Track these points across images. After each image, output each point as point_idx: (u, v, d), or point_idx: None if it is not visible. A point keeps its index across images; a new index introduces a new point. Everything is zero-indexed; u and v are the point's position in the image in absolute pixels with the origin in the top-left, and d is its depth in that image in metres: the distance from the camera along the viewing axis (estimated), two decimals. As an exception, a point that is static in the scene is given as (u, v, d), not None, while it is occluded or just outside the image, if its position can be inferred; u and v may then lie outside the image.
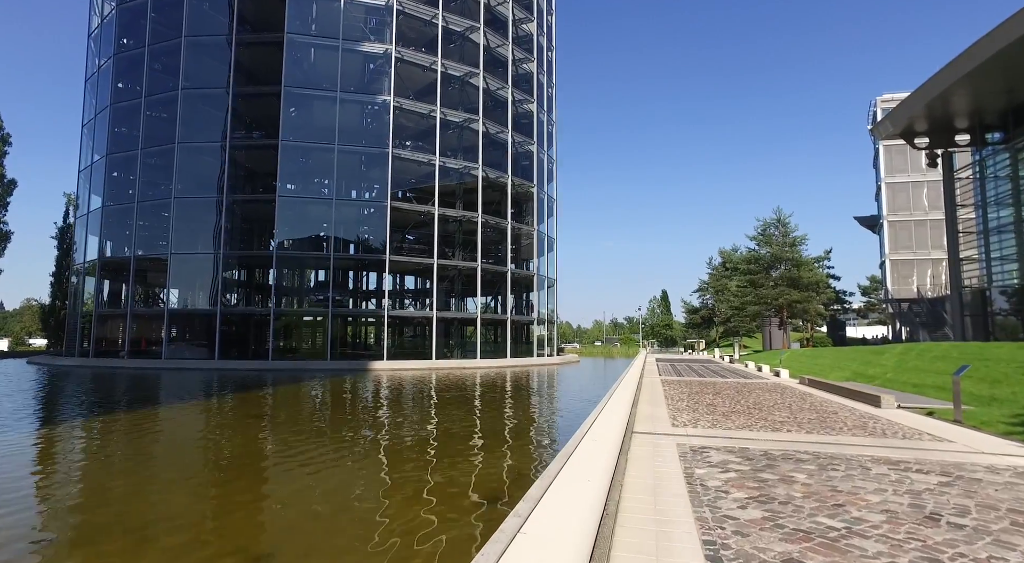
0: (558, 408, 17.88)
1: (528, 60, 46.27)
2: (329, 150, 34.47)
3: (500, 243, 42.68)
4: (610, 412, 9.19)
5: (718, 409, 10.92)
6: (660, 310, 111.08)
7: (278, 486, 8.20)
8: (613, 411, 9.34)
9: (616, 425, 7.67)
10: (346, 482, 8.33)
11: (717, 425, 8.73)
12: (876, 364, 18.54)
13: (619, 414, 9.03)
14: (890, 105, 48.33)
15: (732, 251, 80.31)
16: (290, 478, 8.53)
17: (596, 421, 8.00)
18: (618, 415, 8.86)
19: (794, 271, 48.26)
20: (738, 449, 6.58)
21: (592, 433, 6.71)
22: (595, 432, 6.82)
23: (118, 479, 8.48)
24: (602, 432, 6.87)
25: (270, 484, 8.39)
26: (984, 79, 24.05)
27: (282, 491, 7.91)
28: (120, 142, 37.31)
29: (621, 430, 7.31)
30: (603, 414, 8.90)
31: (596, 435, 6.57)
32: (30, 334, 77.10)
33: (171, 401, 18.29)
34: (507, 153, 42.05)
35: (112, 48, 38.47)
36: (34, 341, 71.67)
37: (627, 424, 8.51)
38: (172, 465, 9.64)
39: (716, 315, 78.18)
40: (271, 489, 8.10)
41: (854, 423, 8.85)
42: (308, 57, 36.88)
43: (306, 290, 39.45)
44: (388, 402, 18.21)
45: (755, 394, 14.27)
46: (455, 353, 39.62)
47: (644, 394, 14.14)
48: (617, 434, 6.82)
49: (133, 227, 35.61)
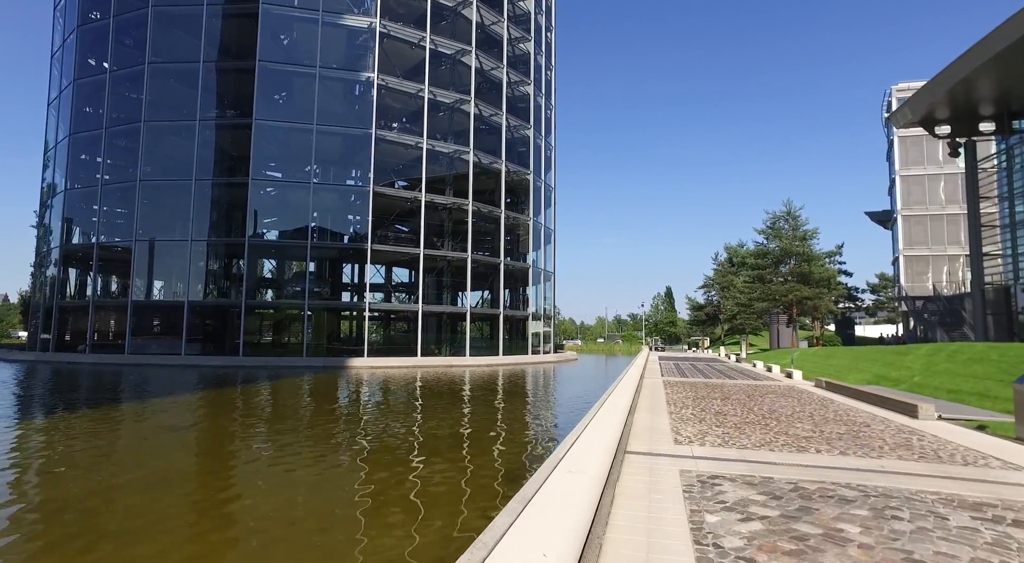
0: (539, 418, 15.67)
1: (525, 39, 44.72)
2: (308, 131, 32.99)
3: (494, 234, 41.28)
4: (600, 424, 7.85)
5: (729, 419, 9.60)
6: (664, 307, 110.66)
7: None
8: (604, 422, 8.00)
9: (605, 443, 6.34)
10: (221, 526, 6.99)
11: (729, 441, 7.41)
12: (900, 366, 17.23)
13: (611, 426, 7.70)
14: (906, 94, 46.90)
15: (738, 246, 79.27)
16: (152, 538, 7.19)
17: (581, 437, 6.66)
18: (610, 428, 7.52)
19: (804, 266, 46.96)
20: (759, 480, 5.25)
21: (571, 458, 5.37)
22: (575, 456, 5.48)
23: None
24: (585, 456, 5.53)
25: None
26: (1013, 62, 22.72)
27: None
28: (84, 122, 35.82)
29: (611, 450, 5.99)
30: (591, 426, 7.56)
31: (576, 461, 5.23)
32: (15, 327, 76.67)
33: (77, 406, 16.73)
34: (501, 137, 40.57)
35: (76, 20, 36.90)
36: (23, 334, 70.74)
37: (619, 440, 7.18)
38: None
39: (721, 312, 77.12)
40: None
41: (894, 440, 7.52)
42: (286, 30, 35.32)
43: (283, 281, 37.96)
44: (336, 408, 16.89)
45: (769, 399, 12.97)
46: (444, 350, 38.29)
47: (644, 399, 12.83)
48: (604, 457, 5.48)
49: (97, 213, 34.16)
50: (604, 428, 7.52)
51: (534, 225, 44.32)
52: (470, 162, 37.67)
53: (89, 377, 23.95)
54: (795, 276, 47.64)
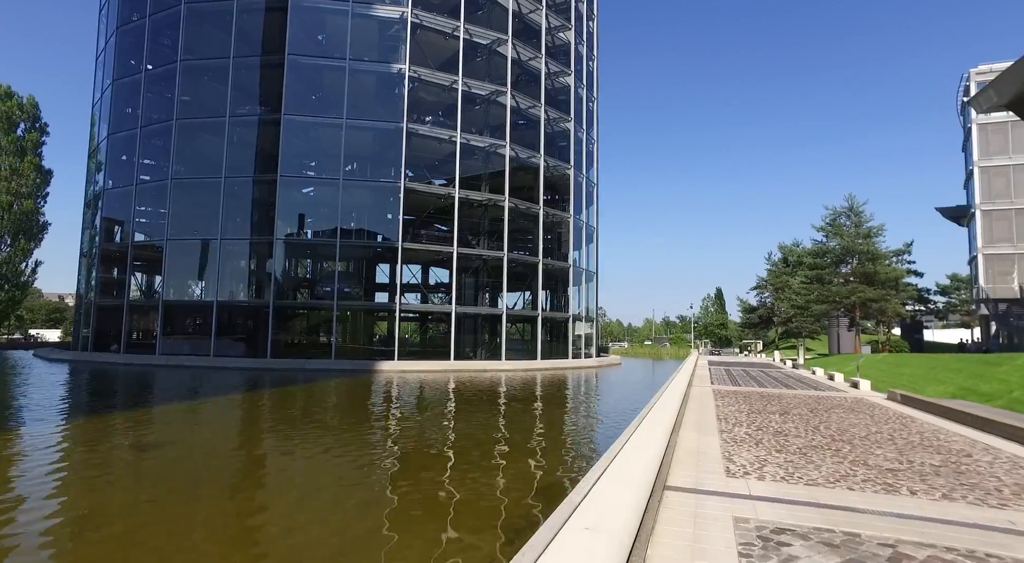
0: (565, 440, 13.26)
1: (565, 28, 43.48)
2: (338, 126, 32.72)
3: (532, 232, 40.23)
4: (636, 447, 6.71)
5: (791, 441, 8.30)
6: (714, 309, 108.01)
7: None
8: (641, 445, 6.86)
9: (640, 476, 5.22)
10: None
11: (794, 473, 6.16)
12: (991, 378, 15.30)
13: (649, 450, 6.56)
14: (987, 77, 43.45)
15: (794, 245, 75.91)
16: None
17: (610, 468, 5.56)
18: (647, 453, 6.39)
19: (869, 266, 44.12)
20: (841, 537, 4.05)
21: (593, 502, 4.28)
22: (598, 499, 4.38)
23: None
24: (611, 498, 4.43)
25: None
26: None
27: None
28: (122, 122, 36.67)
29: (645, 486, 4.88)
30: (625, 451, 6.43)
31: (598, 507, 4.14)
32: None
33: (73, 413, 16.46)
34: (540, 131, 39.46)
35: (116, 22, 37.90)
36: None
37: (658, 470, 6.04)
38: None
39: (775, 314, 73.97)
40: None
41: (1012, 478, 6.11)
42: (316, 22, 35.20)
43: (312, 281, 37.82)
44: (341, 414, 16.15)
45: (836, 416, 11.50)
46: (479, 353, 37.46)
47: (690, 413, 11.56)
48: (636, 500, 4.38)
49: (133, 213, 34.85)
50: (640, 453, 6.39)
51: (575, 223, 43.03)
52: (506, 156, 36.74)
53: (104, 379, 24.14)
54: (858, 276, 44.87)
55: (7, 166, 46.85)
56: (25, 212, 47.47)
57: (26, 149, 48.21)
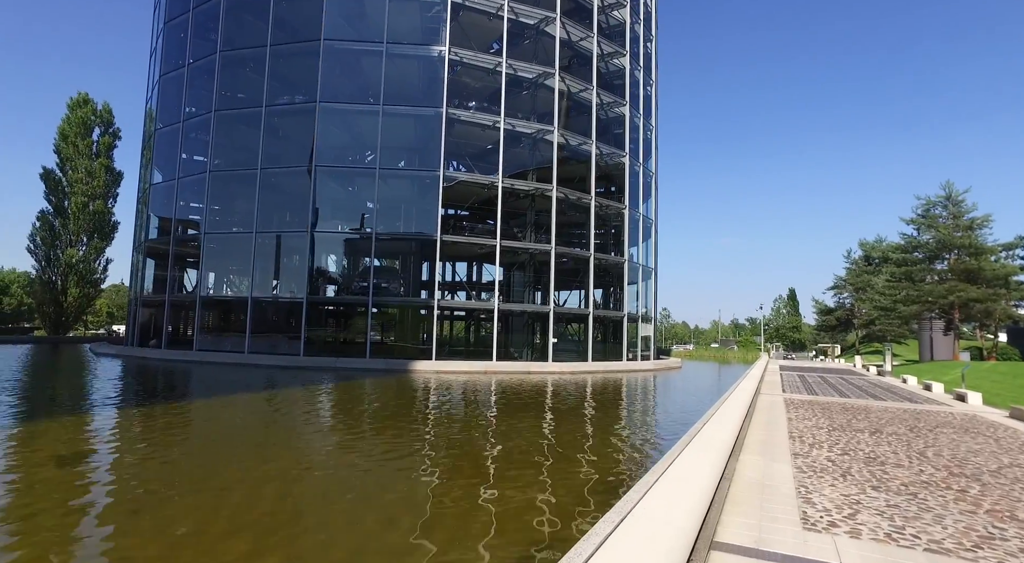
0: (591, 467, 9.24)
1: (619, 5, 41.36)
2: (374, 113, 31.97)
3: (583, 225, 38.39)
4: (677, 481, 5.11)
5: (891, 472, 6.46)
6: (787, 310, 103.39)
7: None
8: (685, 477, 5.26)
9: (675, 527, 3.67)
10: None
11: (905, 527, 4.43)
12: None
13: (695, 485, 4.97)
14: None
15: (877, 242, 70.77)
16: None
17: (635, 511, 4.00)
18: (692, 489, 4.80)
19: (971, 262, 39.82)
20: None
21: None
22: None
23: None
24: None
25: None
26: None
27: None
28: (167, 116, 37.41)
29: (682, 546, 3.34)
30: (658, 488, 4.84)
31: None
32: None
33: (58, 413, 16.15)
34: (592, 116, 37.57)
35: (164, 18, 38.85)
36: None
37: (705, 517, 4.45)
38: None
39: (856, 316, 69.20)
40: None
41: None
42: (352, 5, 34.68)
43: (346, 276, 37.32)
44: (343, 422, 14.91)
45: (946, 437, 9.41)
46: (524, 354, 35.98)
47: (756, 428, 9.75)
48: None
49: (174, 207, 35.41)
50: (682, 489, 4.79)
51: (631, 216, 40.83)
52: (554, 143, 35.04)
53: (136, 374, 24.14)
54: (957, 273, 40.60)
55: (83, 169, 49.89)
56: (98, 212, 50.37)
57: (100, 152, 51.29)
